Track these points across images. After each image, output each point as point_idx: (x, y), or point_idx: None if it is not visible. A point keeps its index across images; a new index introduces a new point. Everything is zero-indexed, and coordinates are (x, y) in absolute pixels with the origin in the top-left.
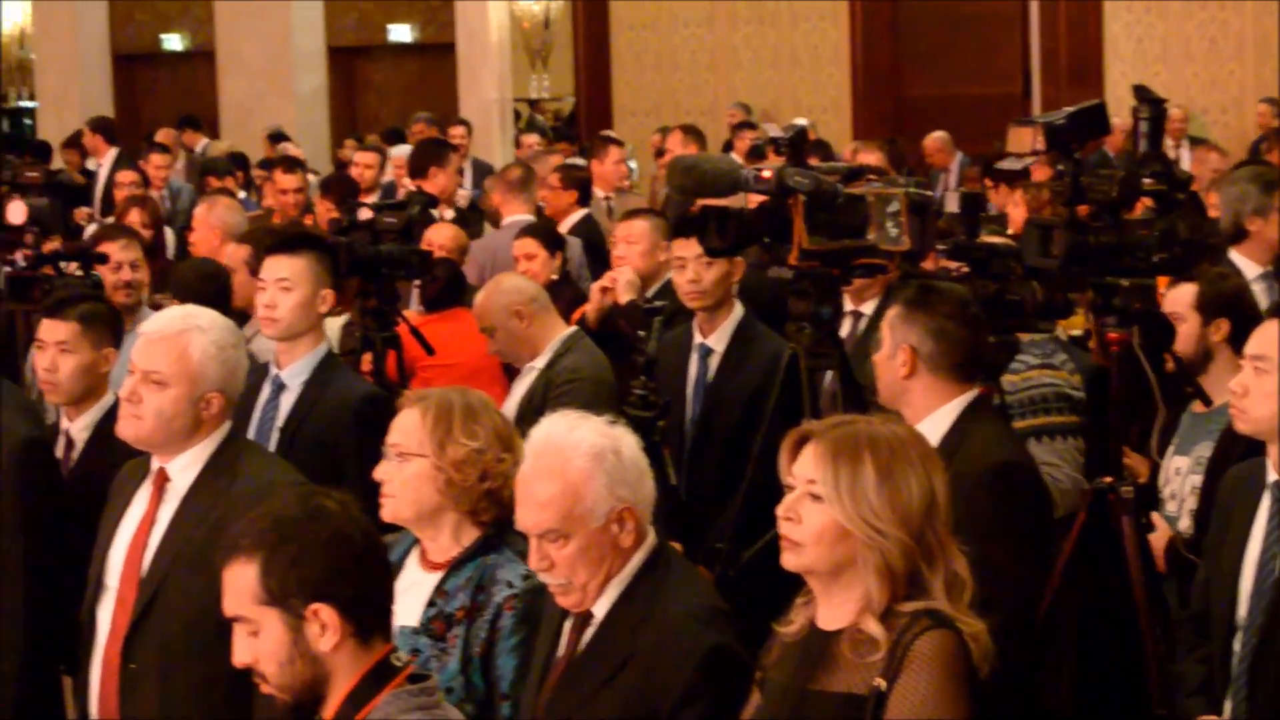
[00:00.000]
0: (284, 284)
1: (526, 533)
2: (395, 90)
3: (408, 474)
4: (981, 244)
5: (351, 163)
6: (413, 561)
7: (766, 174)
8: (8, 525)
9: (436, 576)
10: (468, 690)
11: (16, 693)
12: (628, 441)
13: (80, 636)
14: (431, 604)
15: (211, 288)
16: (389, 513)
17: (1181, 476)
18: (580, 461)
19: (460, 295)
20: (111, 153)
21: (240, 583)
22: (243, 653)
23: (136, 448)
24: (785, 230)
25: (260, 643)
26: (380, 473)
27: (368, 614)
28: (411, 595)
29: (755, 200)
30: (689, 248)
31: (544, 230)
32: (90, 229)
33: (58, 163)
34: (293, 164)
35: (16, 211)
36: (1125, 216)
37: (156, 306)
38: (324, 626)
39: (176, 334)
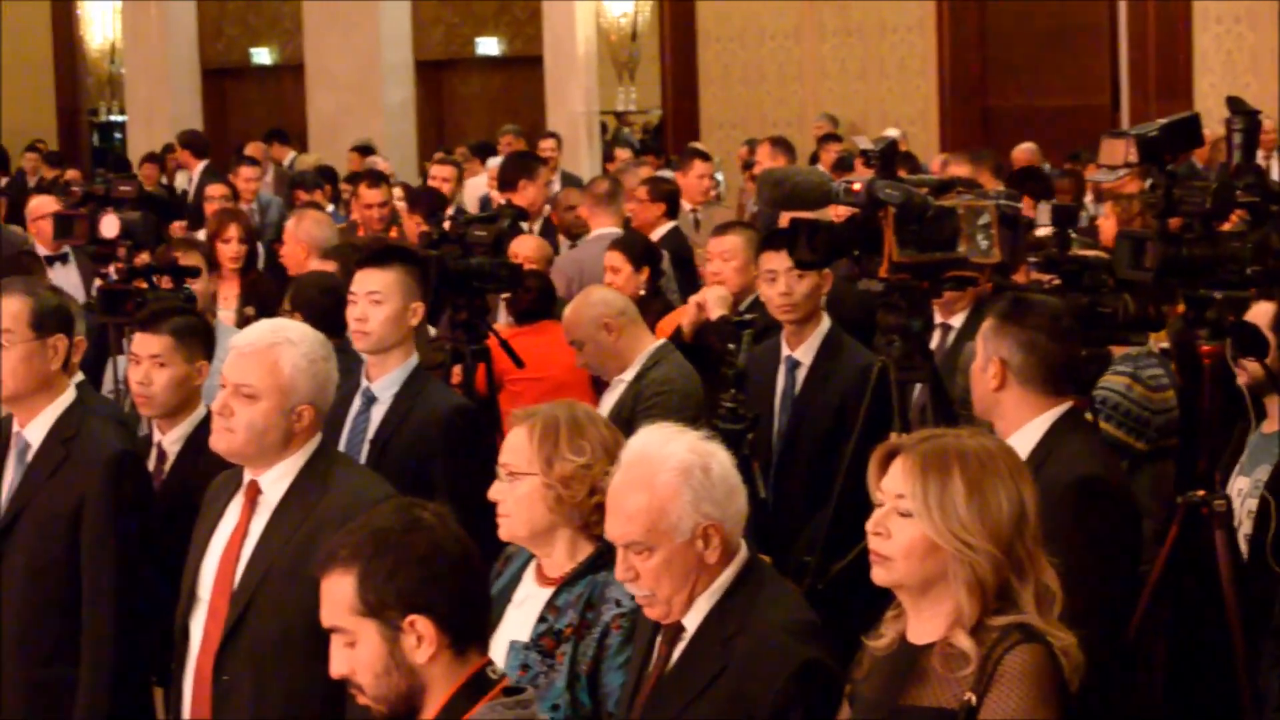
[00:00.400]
0: (375, 297)
1: (614, 543)
2: (482, 103)
3: (519, 493)
4: (1073, 256)
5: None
6: (529, 575)
7: (857, 187)
8: (100, 537)
9: (549, 592)
10: (574, 708)
11: (109, 705)
12: (719, 458)
13: (173, 648)
14: (542, 619)
15: (332, 301)
16: (505, 532)
17: (1241, 498)
18: (667, 476)
19: (549, 308)
20: (200, 166)
21: (338, 594)
22: (339, 664)
23: (229, 460)
24: (875, 243)
25: (357, 654)
26: (494, 493)
27: (464, 626)
28: (525, 609)
29: (845, 213)
30: (779, 261)
31: (629, 244)
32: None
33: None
34: (377, 178)
35: (109, 225)
36: (1218, 229)
37: (246, 319)
38: (420, 638)
39: (267, 347)
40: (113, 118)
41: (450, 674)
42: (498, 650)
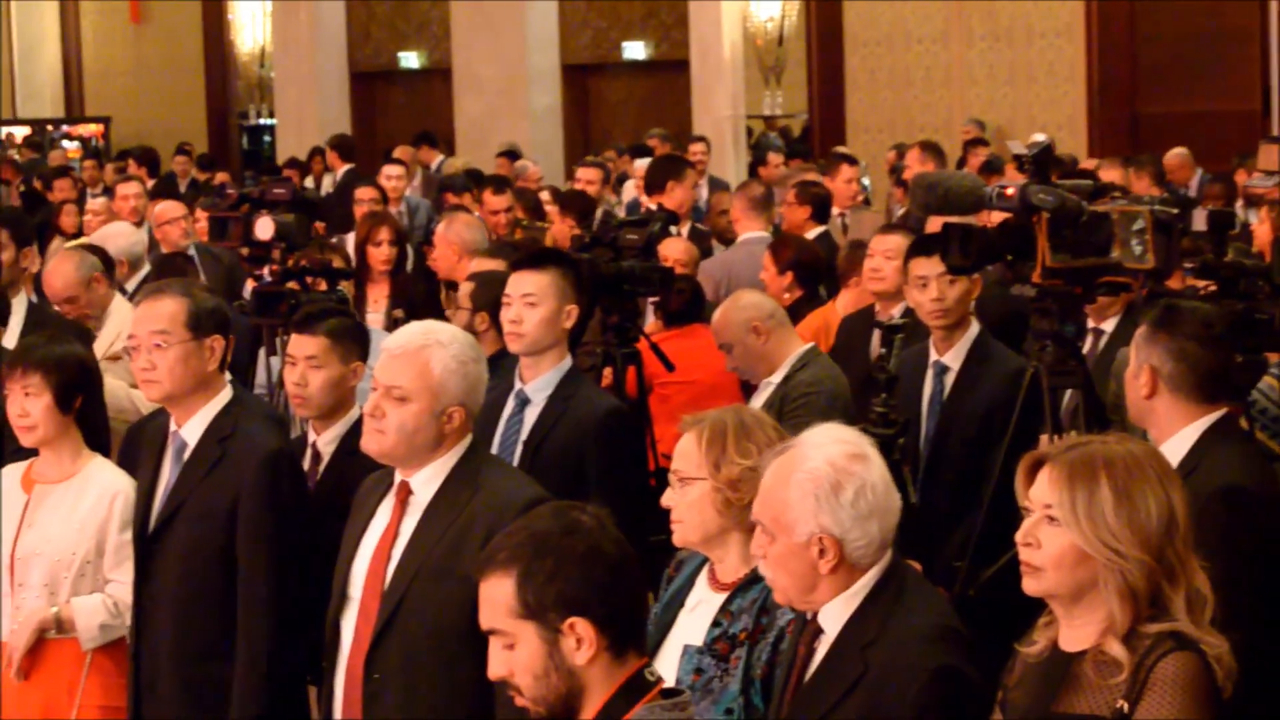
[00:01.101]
0: (530, 299)
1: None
2: (629, 107)
3: (690, 498)
4: (1230, 263)
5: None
6: (702, 580)
7: (1010, 191)
8: (255, 536)
9: (723, 596)
10: (748, 712)
11: (263, 702)
12: (860, 480)
13: (324, 647)
14: (716, 624)
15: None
16: (678, 538)
17: None
18: (800, 477)
19: (699, 311)
20: (343, 170)
21: (497, 596)
22: (498, 665)
23: (380, 462)
24: (1028, 248)
25: (516, 656)
26: (666, 499)
27: (622, 628)
28: (698, 614)
29: (997, 218)
30: (930, 266)
31: (775, 248)
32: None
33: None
34: (501, 184)
35: (264, 228)
36: None
37: (396, 321)
38: (580, 640)
39: (418, 349)
40: (262, 121)
41: (609, 676)
42: (670, 654)
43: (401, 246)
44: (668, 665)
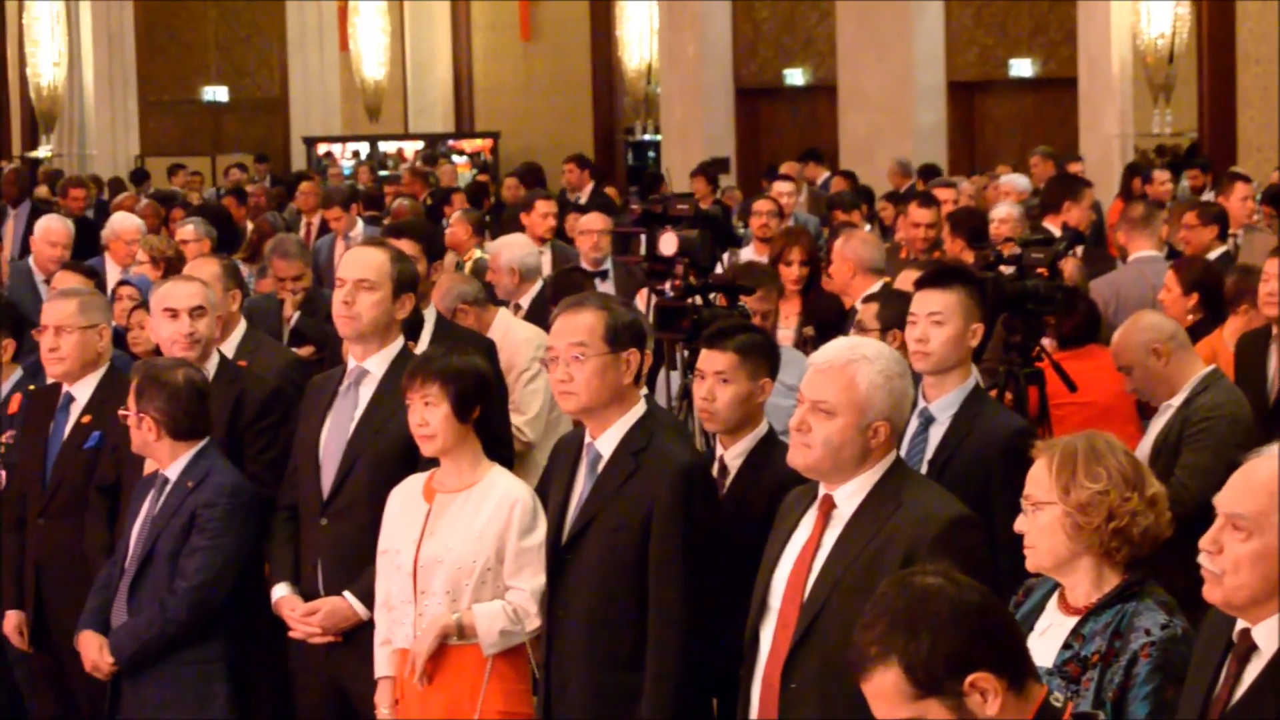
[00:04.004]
0: (936, 318)
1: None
2: (1015, 125)
3: (1041, 523)
4: None
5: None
6: (1052, 605)
7: None
8: (668, 548)
9: (1074, 620)
10: None
11: (672, 712)
12: None
13: (729, 659)
14: (1067, 646)
15: None
16: (1031, 563)
17: None
18: None
19: (1095, 332)
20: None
21: (887, 689)
22: None
23: (804, 476)
24: None
25: None
26: (1019, 524)
27: (1014, 664)
28: (1048, 638)
29: None
30: None
31: (1180, 268)
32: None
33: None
34: (927, 199)
35: (668, 243)
36: None
37: (805, 339)
38: (984, 693)
39: (844, 364)
40: (646, 137)
41: (1020, 712)
42: None
43: (814, 264)
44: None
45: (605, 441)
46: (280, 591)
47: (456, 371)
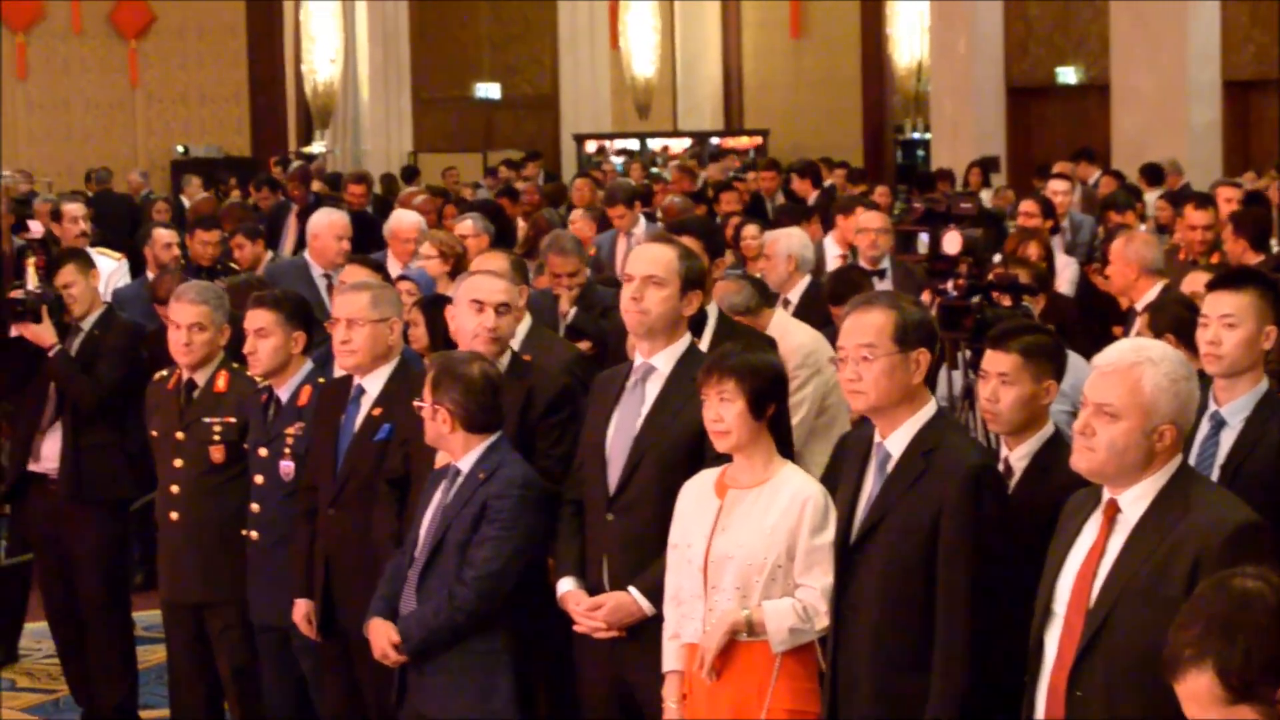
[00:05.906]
0: (1229, 320)
1: None
2: None
3: None
4: None
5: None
6: None
7: None
8: (957, 549)
9: None
10: None
11: (959, 716)
12: None
13: (1012, 664)
14: None
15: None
16: None
17: None
18: None
19: None
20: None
21: (1199, 691)
22: None
23: (1087, 479)
24: None
25: None
26: None
27: None
28: None
29: None
30: None
31: None
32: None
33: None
34: (1204, 200)
35: (952, 242)
36: None
37: None
38: None
39: (1129, 366)
40: (915, 135)
41: None
42: None
43: (1049, 263)
44: None
45: (895, 441)
46: (566, 585)
47: (753, 368)
